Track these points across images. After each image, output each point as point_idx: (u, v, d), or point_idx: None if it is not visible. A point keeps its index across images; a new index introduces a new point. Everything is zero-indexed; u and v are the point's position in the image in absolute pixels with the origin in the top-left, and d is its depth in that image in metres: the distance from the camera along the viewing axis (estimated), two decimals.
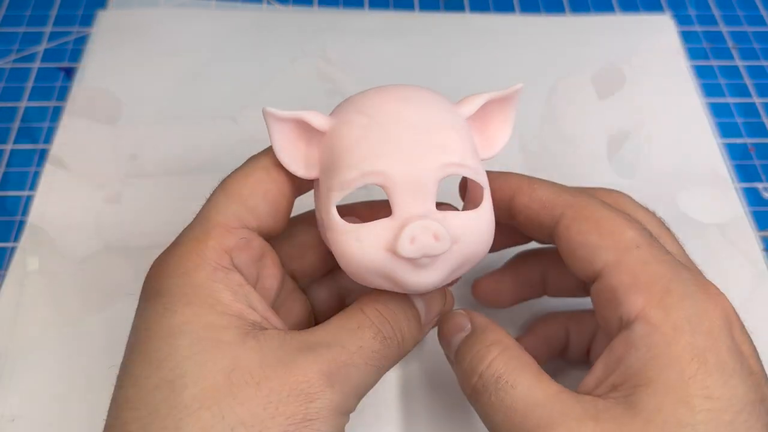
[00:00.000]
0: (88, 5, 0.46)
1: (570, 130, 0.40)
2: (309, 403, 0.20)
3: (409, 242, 0.21)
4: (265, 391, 0.20)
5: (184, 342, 0.21)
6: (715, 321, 0.21)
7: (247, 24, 0.45)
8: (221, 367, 0.20)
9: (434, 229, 0.21)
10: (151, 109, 0.41)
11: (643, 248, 0.23)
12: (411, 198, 0.21)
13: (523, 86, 0.24)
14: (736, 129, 0.41)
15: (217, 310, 0.21)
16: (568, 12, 0.47)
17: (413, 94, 0.23)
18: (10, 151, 0.39)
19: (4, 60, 0.43)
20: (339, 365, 0.21)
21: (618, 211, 0.24)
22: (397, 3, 0.47)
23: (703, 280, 0.23)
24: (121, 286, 0.32)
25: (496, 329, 0.25)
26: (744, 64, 0.45)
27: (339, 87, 0.42)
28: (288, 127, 0.23)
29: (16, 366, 0.31)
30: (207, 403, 0.20)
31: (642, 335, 0.21)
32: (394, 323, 0.23)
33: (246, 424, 0.20)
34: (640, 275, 0.22)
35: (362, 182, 0.21)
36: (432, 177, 0.21)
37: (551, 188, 0.25)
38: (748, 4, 0.48)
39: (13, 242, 0.35)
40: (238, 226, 0.23)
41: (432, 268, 0.22)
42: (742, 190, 0.38)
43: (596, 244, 0.23)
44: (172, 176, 0.38)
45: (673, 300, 0.22)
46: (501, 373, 0.22)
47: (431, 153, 0.21)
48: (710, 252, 0.35)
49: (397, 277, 0.22)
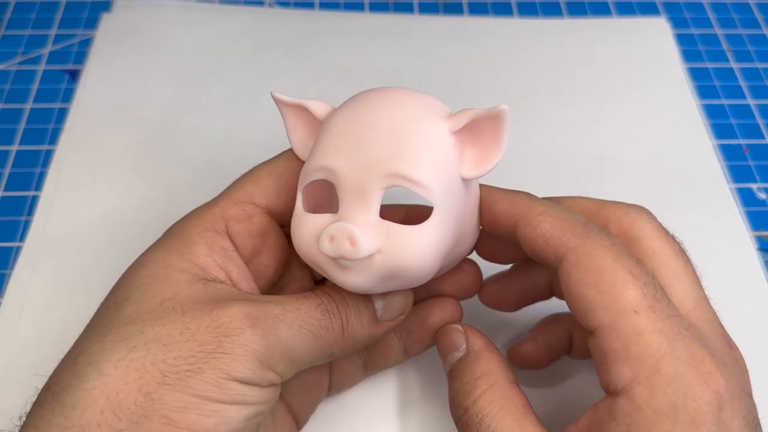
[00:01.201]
0: (93, 8, 0.46)
1: (568, 131, 0.40)
2: (224, 337, 0.21)
3: (327, 240, 0.21)
4: (187, 318, 0.21)
5: (141, 273, 0.23)
6: (702, 406, 0.20)
7: (248, 26, 0.45)
8: (159, 296, 0.22)
9: (350, 234, 0.21)
10: (154, 110, 0.40)
11: (642, 314, 0.21)
12: (354, 199, 0.22)
13: (507, 108, 0.22)
14: (731, 130, 0.41)
15: (184, 257, 0.23)
16: (565, 15, 0.47)
17: (396, 98, 0.23)
18: (15, 152, 0.39)
19: (10, 62, 0.43)
20: (268, 315, 0.22)
21: (623, 259, 0.22)
22: (397, 6, 0.47)
23: (700, 356, 0.21)
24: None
25: (489, 356, 0.24)
26: (738, 67, 0.44)
27: (339, 88, 0.41)
28: (295, 113, 0.25)
29: (21, 362, 0.31)
30: (135, 320, 0.21)
31: (624, 412, 0.20)
32: (341, 305, 0.24)
33: (160, 341, 0.21)
34: (631, 346, 0.21)
35: (317, 175, 0.22)
36: (375, 184, 0.21)
37: (557, 222, 0.23)
38: (743, 8, 0.48)
39: (18, 242, 0.35)
40: (246, 201, 0.25)
41: (355, 271, 0.22)
42: (736, 191, 0.38)
43: (593, 301, 0.22)
44: (175, 175, 0.37)
45: (660, 381, 0.20)
46: (484, 415, 0.22)
47: (381, 161, 0.21)
48: (705, 252, 0.35)
49: (324, 270, 0.23)
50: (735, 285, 0.34)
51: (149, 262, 0.23)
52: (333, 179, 0.22)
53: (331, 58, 0.43)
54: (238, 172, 0.26)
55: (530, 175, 0.37)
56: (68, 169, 0.38)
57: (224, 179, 0.26)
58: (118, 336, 0.21)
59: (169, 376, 0.20)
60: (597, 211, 0.25)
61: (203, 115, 0.40)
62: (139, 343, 0.21)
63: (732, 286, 0.34)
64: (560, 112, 0.41)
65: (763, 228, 0.37)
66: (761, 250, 0.36)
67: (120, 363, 0.20)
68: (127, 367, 0.20)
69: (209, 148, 0.39)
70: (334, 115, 0.23)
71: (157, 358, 0.20)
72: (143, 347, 0.21)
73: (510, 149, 0.24)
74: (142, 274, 0.23)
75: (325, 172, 0.22)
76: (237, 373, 0.21)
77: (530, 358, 0.29)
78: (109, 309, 0.22)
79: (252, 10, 0.46)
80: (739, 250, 0.35)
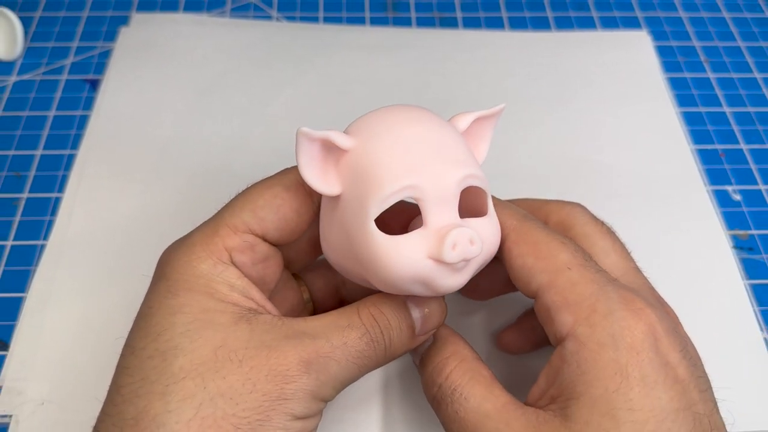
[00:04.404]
0: (112, 22, 0.46)
1: (556, 137, 0.40)
2: (285, 385, 0.21)
3: (451, 248, 0.21)
4: (246, 368, 0.20)
5: (181, 320, 0.21)
6: (638, 335, 0.21)
7: (257, 39, 0.45)
8: (210, 344, 0.21)
9: (470, 236, 0.21)
10: (169, 117, 0.40)
11: (574, 269, 0.23)
12: (440, 208, 0.22)
13: (505, 106, 0.24)
14: (708, 136, 0.41)
15: (215, 297, 0.22)
16: (553, 29, 0.47)
17: (421, 114, 0.23)
18: (40, 156, 0.39)
19: (35, 72, 0.43)
20: (319, 356, 0.21)
21: (555, 234, 0.24)
22: (396, 20, 0.47)
23: (629, 296, 0.22)
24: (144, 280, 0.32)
25: (455, 341, 0.25)
26: (715, 77, 0.44)
27: (342, 97, 0.41)
28: (315, 146, 0.22)
29: (46, 353, 0.31)
30: (192, 374, 0.20)
31: (572, 351, 0.21)
32: (385, 329, 0.23)
33: (225, 395, 0.20)
34: (569, 295, 0.22)
35: (400, 197, 0.21)
36: (456, 189, 0.22)
37: (502, 212, 0.25)
38: (719, 22, 0.48)
39: (42, 240, 0.35)
40: (245, 230, 0.23)
41: (464, 270, 0.22)
42: (713, 192, 0.38)
43: (532, 266, 0.23)
44: (189, 179, 0.37)
45: (597, 318, 0.21)
46: (456, 386, 0.23)
47: (453, 167, 0.22)
48: (684, 249, 0.35)
49: (434, 281, 0.22)
50: (711, 280, 0.34)
51: (182, 306, 0.22)
52: (416, 194, 0.21)
53: (335, 69, 0.43)
54: (248, 176, 0.26)
55: (519, 178, 0.37)
56: (89, 172, 0.38)
57: (236, 183, 0.26)
58: (180, 394, 0.20)
59: (242, 428, 0.20)
60: (539, 207, 0.27)
61: (215, 122, 0.40)
62: (204, 400, 0.20)
63: (709, 281, 0.34)
64: (549, 118, 0.41)
65: (737, 227, 0.37)
66: (736, 247, 0.36)
67: (192, 423, 0.19)
68: (199, 426, 0.19)
69: (221, 153, 0.39)
70: (376, 140, 0.22)
71: (227, 413, 0.20)
72: (210, 403, 0.20)
73: (500, 153, 0.24)
74: (182, 320, 0.21)
75: (408, 191, 0.21)
76: (298, 413, 0.21)
77: (514, 344, 0.30)
78: (155, 359, 0.21)
79: (261, 24, 0.46)
80: (715, 247, 0.36)
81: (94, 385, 0.30)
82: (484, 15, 0.48)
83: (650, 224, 0.36)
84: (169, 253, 0.23)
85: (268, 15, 0.47)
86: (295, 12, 0.47)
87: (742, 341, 0.32)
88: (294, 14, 0.47)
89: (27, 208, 0.37)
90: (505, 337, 0.30)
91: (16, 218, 0.36)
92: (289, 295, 0.27)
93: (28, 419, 0.29)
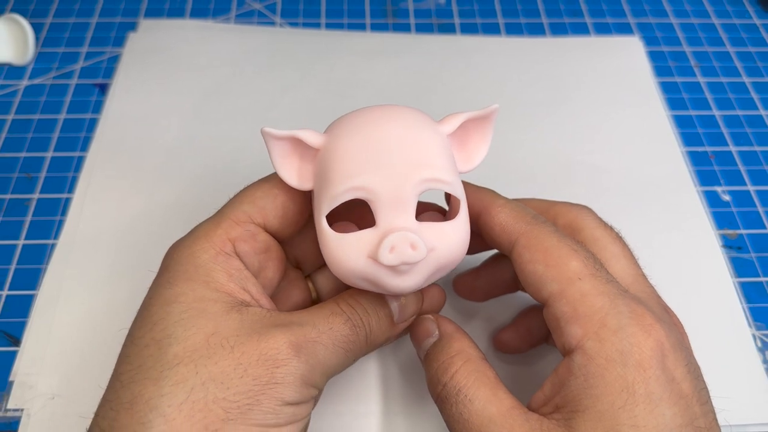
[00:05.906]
0: (120, 28, 0.46)
1: (551, 139, 0.40)
2: (275, 368, 0.21)
3: (388, 251, 0.21)
4: (237, 353, 0.21)
5: (176, 309, 0.22)
6: (646, 352, 0.21)
7: (262, 44, 0.45)
8: (203, 332, 0.21)
9: (411, 240, 0.21)
10: (175, 120, 0.40)
11: (585, 280, 0.22)
12: (392, 210, 0.21)
13: (498, 107, 0.24)
14: (698, 138, 0.41)
15: (211, 287, 0.22)
16: (548, 34, 0.47)
17: (398, 113, 0.23)
18: (51, 158, 0.39)
19: (46, 77, 0.43)
20: (307, 340, 0.22)
21: (566, 240, 0.23)
22: (396, 26, 0.47)
23: (640, 311, 0.22)
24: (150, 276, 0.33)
25: (461, 338, 0.25)
26: (705, 81, 0.44)
27: (343, 101, 0.41)
28: (284, 144, 0.23)
29: (56, 348, 0.31)
30: (185, 360, 0.20)
31: (580, 365, 0.21)
32: (364, 316, 0.24)
33: (216, 380, 0.20)
34: (579, 307, 0.22)
35: (348, 196, 0.21)
36: (411, 192, 0.21)
37: (512, 213, 0.24)
38: (709, 27, 0.48)
39: (53, 239, 0.35)
40: (247, 221, 0.24)
41: (410, 273, 0.22)
42: (703, 193, 0.38)
43: (543, 274, 0.23)
44: (195, 180, 0.37)
45: (607, 333, 0.21)
46: (461, 387, 0.23)
47: (411, 169, 0.21)
48: (675, 248, 0.35)
49: (378, 281, 0.22)
50: (701, 278, 0.34)
51: (178, 295, 0.22)
52: (368, 196, 0.21)
53: (336, 73, 0.43)
54: (252, 177, 0.26)
55: (515, 179, 0.37)
56: (98, 173, 0.38)
57: (240, 184, 0.26)
58: (173, 379, 0.20)
59: (232, 412, 0.20)
60: (547, 208, 0.26)
61: (220, 125, 0.40)
62: (196, 384, 0.20)
63: (699, 279, 0.34)
64: (544, 121, 0.41)
65: (726, 227, 0.37)
66: (725, 246, 0.36)
67: (183, 406, 0.20)
68: (190, 410, 0.20)
69: (225, 155, 0.39)
70: (340, 139, 0.22)
71: (218, 397, 0.20)
72: (201, 388, 0.20)
73: (497, 156, 0.24)
74: (177, 310, 0.22)
75: (358, 192, 0.21)
76: (289, 398, 0.21)
77: (512, 343, 0.30)
78: (150, 348, 0.21)
79: (265, 30, 0.46)
80: (705, 246, 0.36)
81: (102, 379, 0.30)
82: (481, 21, 0.48)
83: (642, 224, 0.36)
84: (173, 247, 0.24)
85: (272, 21, 0.47)
86: (298, 18, 0.47)
87: (732, 337, 0.32)
88: (297, 20, 0.47)
89: (38, 209, 0.37)
90: (502, 336, 0.30)
91: (28, 218, 0.36)
92: (294, 293, 0.27)
93: (38, 413, 0.29)
